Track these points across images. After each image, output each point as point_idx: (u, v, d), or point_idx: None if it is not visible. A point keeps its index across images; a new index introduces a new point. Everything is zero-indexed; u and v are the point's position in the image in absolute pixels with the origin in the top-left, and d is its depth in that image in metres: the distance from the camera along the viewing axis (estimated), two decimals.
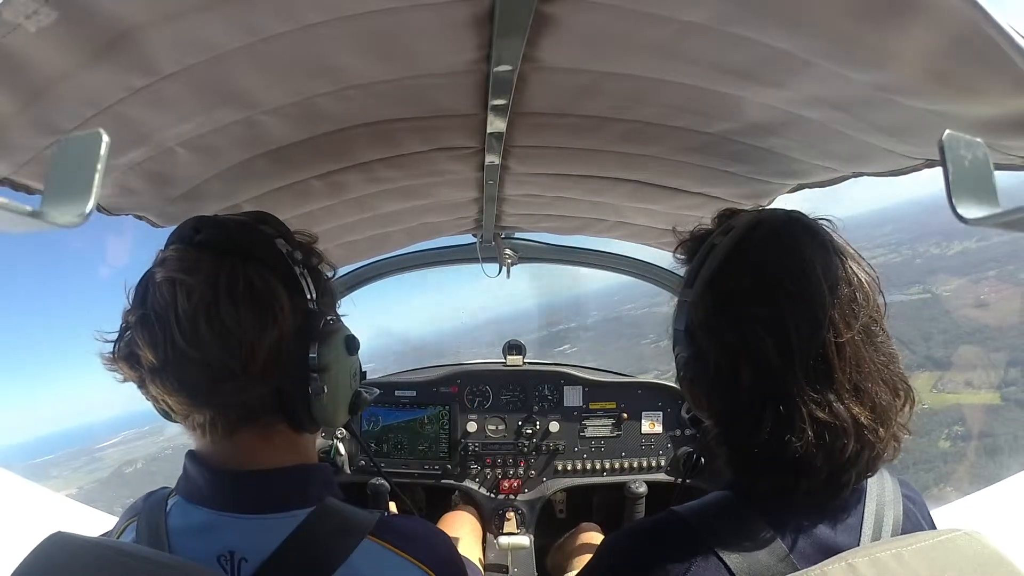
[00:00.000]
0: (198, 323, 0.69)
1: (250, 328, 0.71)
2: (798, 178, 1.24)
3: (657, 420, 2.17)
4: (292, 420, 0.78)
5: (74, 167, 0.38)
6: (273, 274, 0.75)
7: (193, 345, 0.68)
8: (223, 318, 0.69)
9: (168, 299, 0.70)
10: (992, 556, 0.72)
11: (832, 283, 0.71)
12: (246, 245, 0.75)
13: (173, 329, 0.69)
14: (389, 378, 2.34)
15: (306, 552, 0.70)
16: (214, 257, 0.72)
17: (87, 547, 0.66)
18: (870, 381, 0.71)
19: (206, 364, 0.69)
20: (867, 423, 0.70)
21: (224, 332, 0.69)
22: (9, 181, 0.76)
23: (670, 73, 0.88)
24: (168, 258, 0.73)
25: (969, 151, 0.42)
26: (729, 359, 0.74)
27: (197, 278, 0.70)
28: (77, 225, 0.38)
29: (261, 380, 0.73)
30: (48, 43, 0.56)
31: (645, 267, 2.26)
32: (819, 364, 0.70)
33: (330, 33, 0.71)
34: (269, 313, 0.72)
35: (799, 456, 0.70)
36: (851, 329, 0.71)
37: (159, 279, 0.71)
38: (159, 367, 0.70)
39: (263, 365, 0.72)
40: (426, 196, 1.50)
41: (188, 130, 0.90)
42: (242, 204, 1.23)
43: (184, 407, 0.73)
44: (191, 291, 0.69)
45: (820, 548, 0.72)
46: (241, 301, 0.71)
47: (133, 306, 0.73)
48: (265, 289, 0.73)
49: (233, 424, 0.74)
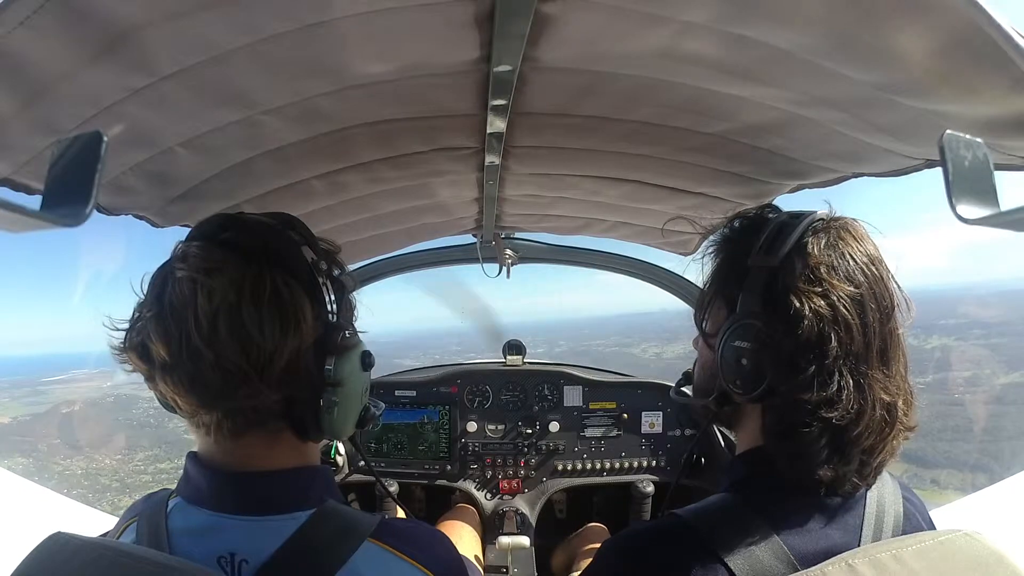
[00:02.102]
0: (217, 325, 0.68)
1: (271, 335, 0.70)
2: (798, 178, 1.24)
3: (657, 420, 2.17)
4: (299, 429, 0.78)
5: (74, 167, 0.38)
6: (298, 283, 0.74)
7: (209, 346, 0.67)
8: (244, 322, 0.68)
9: (188, 297, 0.68)
10: (992, 556, 0.72)
11: (890, 279, 0.78)
12: (274, 251, 0.74)
13: (190, 327, 0.67)
14: (389, 378, 2.34)
15: (307, 554, 0.70)
16: (240, 260, 0.71)
17: (87, 547, 0.66)
18: (904, 377, 0.77)
19: (221, 366, 0.68)
20: (902, 416, 0.76)
21: (244, 337, 0.68)
22: (9, 181, 0.76)
23: (670, 73, 0.87)
24: (191, 255, 0.71)
25: (969, 151, 0.42)
26: (820, 325, 0.73)
27: (221, 279, 0.69)
28: (77, 225, 0.38)
29: (275, 387, 0.72)
30: (48, 43, 0.56)
31: (645, 267, 2.26)
32: (884, 350, 0.75)
33: (330, 33, 0.70)
34: (292, 322, 0.71)
35: (856, 436, 0.73)
36: (903, 325, 0.77)
37: (180, 275, 0.69)
38: (171, 364, 0.69)
39: (279, 373, 0.71)
40: (426, 196, 1.50)
41: (188, 130, 0.90)
42: (242, 204, 1.23)
43: (192, 406, 0.72)
44: (213, 292, 0.68)
45: (820, 548, 0.73)
46: (265, 308, 0.70)
47: (148, 300, 0.72)
48: (290, 298, 0.72)
49: (240, 427, 0.73)
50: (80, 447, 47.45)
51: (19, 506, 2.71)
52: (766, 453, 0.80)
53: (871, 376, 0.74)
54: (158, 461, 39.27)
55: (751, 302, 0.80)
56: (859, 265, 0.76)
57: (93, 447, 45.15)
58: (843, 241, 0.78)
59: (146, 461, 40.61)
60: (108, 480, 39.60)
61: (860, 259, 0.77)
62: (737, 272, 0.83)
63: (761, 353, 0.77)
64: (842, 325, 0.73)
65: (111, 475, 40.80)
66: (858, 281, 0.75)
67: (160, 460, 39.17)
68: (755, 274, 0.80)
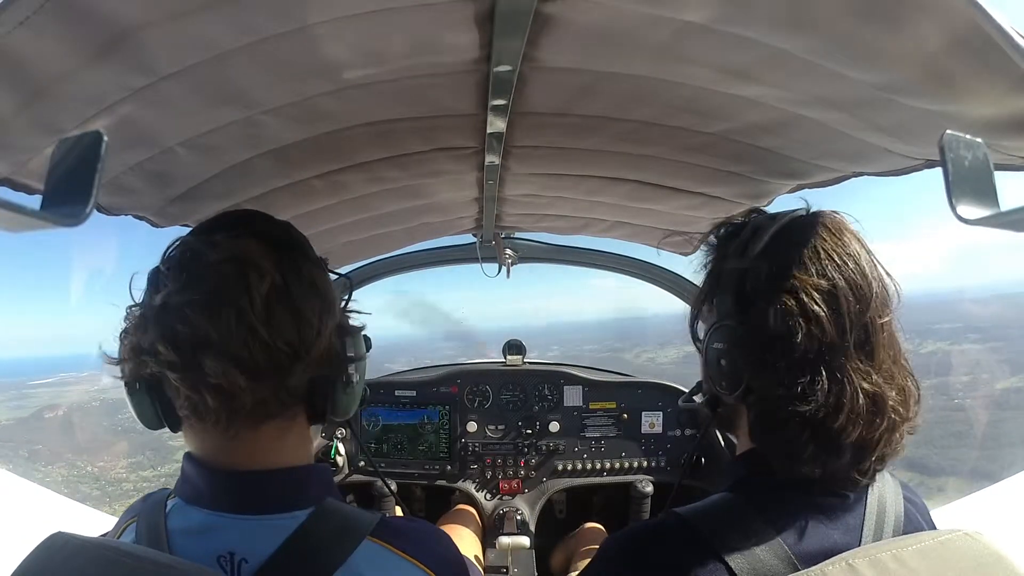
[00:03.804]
0: (271, 304, 0.70)
1: (316, 315, 0.75)
2: (798, 178, 1.24)
3: (657, 420, 2.17)
4: (315, 410, 0.80)
5: (74, 167, 0.38)
6: (323, 273, 0.81)
7: (264, 324, 0.69)
8: (296, 302, 0.72)
9: (237, 278, 0.69)
10: (992, 556, 0.72)
11: (872, 269, 0.78)
12: (298, 243, 0.80)
13: (244, 306, 0.68)
14: (389, 378, 2.34)
15: (306, 553, 0.70)
16: (274, 249, 0.74)
17: (87, 547, 0.66)
18: (898, 367, 0.77)
19: (273, 345, 0.70)
20: (895, 406, 0.74)
21: (296, 315, 0.72)
22: (9, 181, 0.76)
23: (670, 73, 0.87)
24: (220, 243, 0.71)
25: (969, 151, 0.42)
26: (786, 321, 0.74)
27: (267, 262, 0.71)
28: (77, 225, 0.38)
29: (313, 366, 0.75)
30: (48, 43, 0.56)
31: (644, 267, 2.26)
32: (865, 340, 0.75)
33: (330, 33, 0.70)
34: (328, 304, 0.78)
35: (839, 428, 0.72)
36: (888, 314, 0.77)
37: (217, 259, 0.70)
38: (219, 343, 0.67)
39: (320, 352, 0.75)
40: (426, 196, 1.50)
41: (188, 130, 0.90)
42: (242, 204, 1.23)
43: (224, 393, 0.69)
44: (264, 273, 0.70)
45: (821, 548, 0.73)
46: (308, 289, 0.75)
47: (177, 288, 0.69)
48: (323, 284, 0.79)
49: (269, 413, 0.74)
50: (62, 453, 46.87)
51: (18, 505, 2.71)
52: (761, 452, 0.80)
53: (849, 367, 0.74)
54: (140, 468, 38.80)
55: (725, 304, 0.83)
56: (832, 259, 0.77)
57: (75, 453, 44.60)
58: (818, 237, 0.79)
59: (128, 468, 40.18)
60: (89, 488, 39.12)
61: (834, 252, 0.77)
62: (716, 277, 0.87)
63: (735, 352, 0.80)
64: (812, 319, 0.73)
65: (92, 482, 40.26)
66: (829, 275, 0.76)
67: (143, 467, 38.69)
68: (727, 276, 0.83)
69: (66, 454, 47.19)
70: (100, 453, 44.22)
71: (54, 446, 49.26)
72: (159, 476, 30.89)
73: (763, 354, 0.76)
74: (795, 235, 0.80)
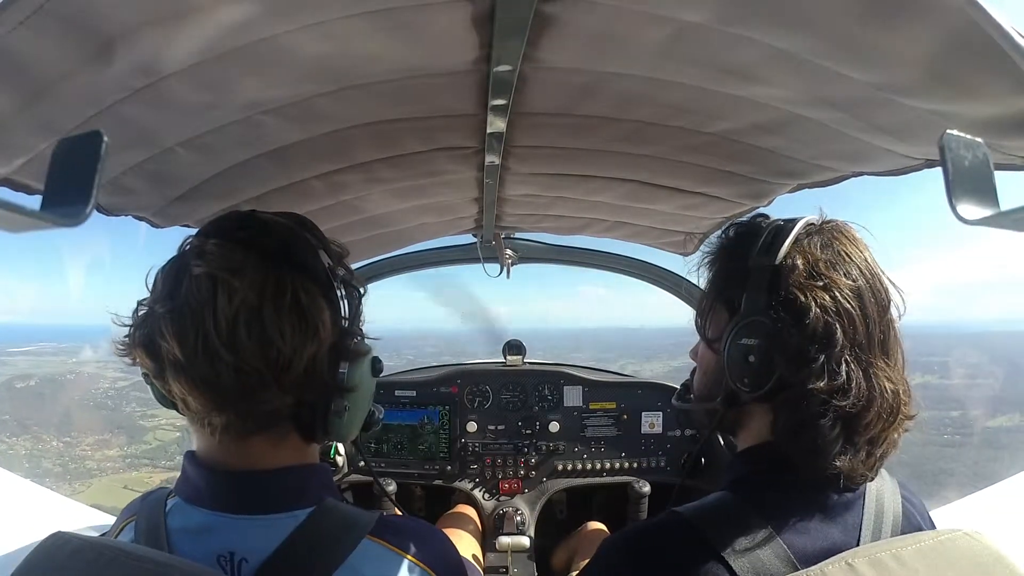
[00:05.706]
0: (237, 327, 0.67)
1: (291, 340, 0.70)
2: (798, 178, 1.24)
3: (657, 420, 2.17)
4: (306, 431, 0.78)
5: (74, 167, 0.38)
6: (317, 288, 0.74)
7: (228, 348, 0.67)
8: (265, 326, 0.68)
9: (207, 295, 0.67)
10: (992, 556, 0.72)
11: (882, 275, 0.82)
12: (294, 254, 0.74)
13: (208, 328, 0.66)
14: (389, 378, 2.34)
15: (306, 552, 0.70)
16: (261, 260, 0.70)
17: (87, 547, 0.66)
18: (903, 368, 0.81)
19: (239, 369, 0.67)
20: (905, 403, 0.78)
21: (264, 340, 0.68)
22: (9, 181, 0.76)
23: (670, 73, 0.87)
24: (209, 252, 0.70)
25: (969, 151, 0.42)
26: (826, 318, 0.75)
27: (242, 281, 0.68)
28: (77, 225, 0.38)
29: (290, 391, 0.72)
30: (48, 43, 0.56)
31: (644, 267, 2.26)
32: (884, 340, 0.79)
33: (330, 33, 0.70)
34: (311, 328, 0.72)
35: (868, 424, 0.75)
36: (899, 318, 0.81)
37: (197, 272, 0.68)
38: (185, 364, 0.68)
39: (295, 378, 0.71)
40: (426, 196, 1.50)
41: (188, 130, 0.90)
42: (242, 204, 1.23)
43: (204, 407, 0.71)
44: (234, 293, 0.67)
45: (820, 547, 0.73)
46: (286, 312, 0.70)
47: (161, 296, 0.70)
48: (310, 304, 0.72)
49: (249, 429, 0.73)
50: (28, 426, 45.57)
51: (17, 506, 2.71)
52: (773, 451, 0.80)
53: (876, 365, 0.77)
54: (106, 447, 36.72)
55: (756, 300, 0.81)
56: (854, 262, 0.80)
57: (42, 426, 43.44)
58: (837, 240, 0.82)
59: (94, 446, 37.76)
60: (51, 464, 37.01)
61: (855, 256, 0.81)
62: (737, 275, 0.85)
63: (770, 348, 0.78)
64: (845, 316, 0.76)
65: (55, 458, 38.07)
66: (855, 276, 0.79)
67: (109, 446, 36.59)
68: (757, 274, 0.82)
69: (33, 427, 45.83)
70: (67, 428, 42.91)
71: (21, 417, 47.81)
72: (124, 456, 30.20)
73: (802, 349, 0.76)
74: (819, 237, 0.83)
